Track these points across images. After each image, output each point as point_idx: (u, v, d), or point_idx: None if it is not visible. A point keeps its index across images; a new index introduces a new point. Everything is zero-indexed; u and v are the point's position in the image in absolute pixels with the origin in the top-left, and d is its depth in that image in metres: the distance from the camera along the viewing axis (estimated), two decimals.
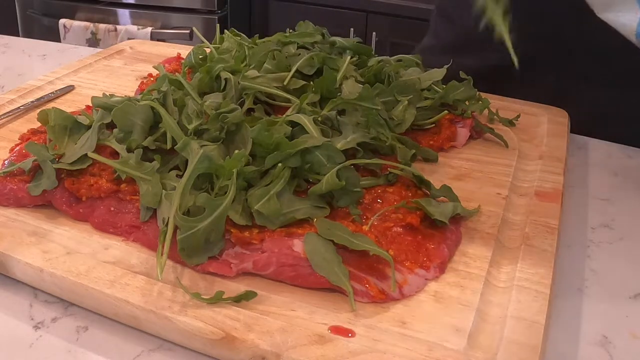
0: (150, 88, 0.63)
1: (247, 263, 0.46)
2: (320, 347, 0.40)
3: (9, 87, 0.84)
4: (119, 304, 0.44)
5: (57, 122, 0.56)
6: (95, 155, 0.53)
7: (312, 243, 0.45)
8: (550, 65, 0.84)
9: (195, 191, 0.48)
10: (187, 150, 0.49)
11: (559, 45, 0.82)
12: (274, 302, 0.44)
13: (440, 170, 0.61)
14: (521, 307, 0.43)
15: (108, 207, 0.51)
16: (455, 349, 0.40)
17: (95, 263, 0.47)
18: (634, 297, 0.50)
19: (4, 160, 0.56)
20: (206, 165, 0.47)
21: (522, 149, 0.65)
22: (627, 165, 0.70)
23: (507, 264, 0.48)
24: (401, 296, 0.44)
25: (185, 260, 0.45)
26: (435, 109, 0.66)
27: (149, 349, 0.43)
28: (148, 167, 0.51)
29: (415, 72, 0.70)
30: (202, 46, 0.76)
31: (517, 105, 0.74)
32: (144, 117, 0.56)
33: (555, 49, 0.83)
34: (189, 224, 0.45)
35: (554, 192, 0.57)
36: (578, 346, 0.45)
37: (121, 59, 0.89)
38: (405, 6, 1.93)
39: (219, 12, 2.12)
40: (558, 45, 0.82)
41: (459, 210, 0.51)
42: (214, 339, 0.41)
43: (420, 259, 0.46)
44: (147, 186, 0.49)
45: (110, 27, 2.13)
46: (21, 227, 0.51)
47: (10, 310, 0.47)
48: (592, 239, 0.57)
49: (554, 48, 0.83)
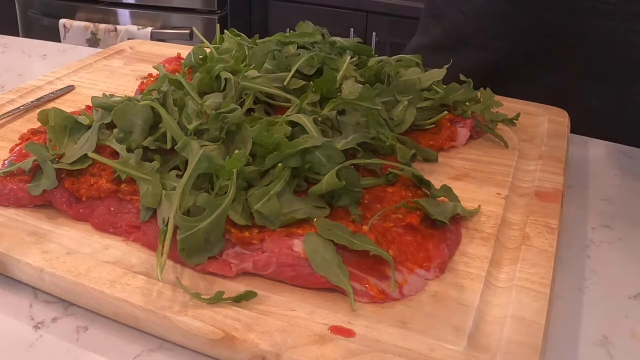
0: (150, 88, 0.63)
1: (247, 263, 0.46)
2: (320, 347, 0.40)
3: (9, 87, 0.84)
4: (119, 304, 0.44)
5: (57, 122, 0.56)
6: (95, 155, 0.53)
7: (312, 243, 0.45)
8: (548, 62, 0.84)
9: (195, 191, 0.48)
10: (187, 150, 0.49)
11: (557, 41, 0.82)
12: (274, 302, 0.44)
13: (440, 170, 0.61)
14: (521, 307, 0.43)
15: (108, 207, 0.51)
16: (455, 349, 0.40)
17: (95, 263, 0.47)
18: (634, 297, 0.50)
19: (4, 160, 0.56)
20: (206, 165, 0.47)
21: (522, 149, 0.65)
22: (627, 165, 0.70)
23: (507, 264, 0.48)
24: (401, 296, 0.44)
25: (185, 260, 0.45)
26: (435, 109, 0.66)
27: (149, 349, 0.43)
28: (148, 167, 0.51)
29: (415, 72, 0.70)
30: (202, 46, 0.76)
31: (517, 105, 0.74)
32: (144, 117, 0.56)
33: (553, 46, 0.82)
34: (189, 223, 0.45)
35: (554, 192, 0.57)
36: (578, 346, 0.45)
37: (121, 59, 0.89)
38: (405, 6, 1.93)
39: (219, 12, 2.12)
40: (556, 42, 0.82)
41: (459, 210, 0.51)
42: (214, 339, 0.41)
43: (420, 259, 0.46)
44: (147, 186, 0.49)
45: (110, 27, 2.13)
46: (21, 227, 0.51)
47: (10, 310, 0.47)
48: (592, 239, 0.57)
49: (552, 44, 0.82)
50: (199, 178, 0.48)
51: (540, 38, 0.82)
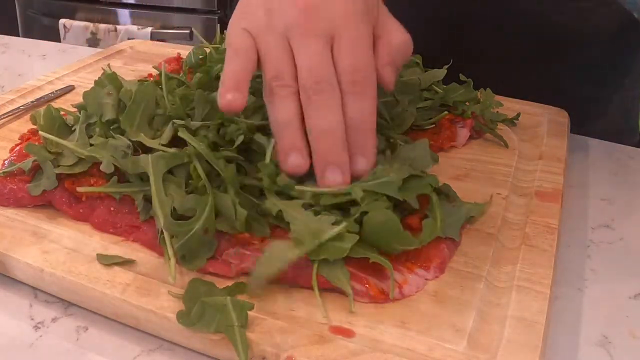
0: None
1: (247, 263, 0.46)
2: (320, 347, 0.40)
3: (9, 87, 0.84)
4: (119, 304, 0.44)
5: (46, 122, 0.56)
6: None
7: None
8: (544, 60, 0.84)
9: (180, 190, 0.48)
10: (140, 167, 0.49)
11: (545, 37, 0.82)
12: (274, 302, 0.44)
13: (440, 170, 0.61)
14: (521, 307, 0.43)
15: (108, 207, 0.51)
16: (455, 349, 0.40)
17: (95, 263, 0.47)
18: (634, 297, 0.50)
19: (4, 160, 0.56)
20: (162, 167, 0.48)
21: (522, 149, 0.65)
22: (627, 165, 0.70)
23: (507, 264, 0.48)
24: (401, 296, 0.44)
25: (187, 267, 0.45)
26: (435, 109, 0.66)
27: (149, 349, 0.43)
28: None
29: (415, 72, 0.70)
30: (203, 46, 0.76)
31: (517, 105, 0.74)
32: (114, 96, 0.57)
33: (541, 42, 0.82)
34: (184, 228, 0.45)
35: (554, 192, 0.57)
36: (578, 346, 0.45)
37: (121, 59, 0.89)
38: None
39: (219, 12, 2.12)
40: (544, 38, 0.82)
41: (473, 214, 0.51)
42: (214, 339, 0.41)
43: (420, 258, 0.46)
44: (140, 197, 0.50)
45: (110, 27, 2.13)
46: (21, 227, 0.51)
47: (10, 310, 0.47)
48: (592, 239, 0.57)
49: (541, 41, 0.82)
50: (175, 176, 0.49)
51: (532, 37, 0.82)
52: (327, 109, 0.45)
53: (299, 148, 0.46)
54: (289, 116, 0.46)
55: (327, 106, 0.45)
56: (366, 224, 0.44)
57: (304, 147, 0.47)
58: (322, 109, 0.45)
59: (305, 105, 0.46)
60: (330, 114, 0.45)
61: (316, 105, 0.45)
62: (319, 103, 0.45)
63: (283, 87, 0.46)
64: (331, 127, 0.45)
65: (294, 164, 0.47)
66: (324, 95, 0.45)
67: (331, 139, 0.46)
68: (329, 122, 0.45)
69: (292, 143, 0.46)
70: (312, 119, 0.46)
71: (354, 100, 0.46)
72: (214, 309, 0.41)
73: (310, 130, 0.46)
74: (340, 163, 0.46)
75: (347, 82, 0.46)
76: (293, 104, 0.46)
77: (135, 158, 0.50)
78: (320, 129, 0.46)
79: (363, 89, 0.46)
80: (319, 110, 0.45)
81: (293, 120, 0.46)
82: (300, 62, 0.46)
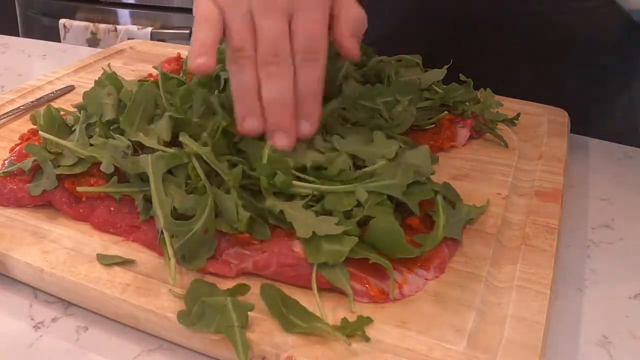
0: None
1: (247, 263, 0.46)
2: (320, 347, 0.40)
3: (9, 87, 0.84)
4: (119, 304, 0.44)
5: (45, 122, 0.56)
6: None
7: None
8: (544, 60, 0.84)
9: (180, 190, 0.48)
10: (140, 167, 0.49)
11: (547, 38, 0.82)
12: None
13: (440, 170, 0.61)
14: (521, 307, 0.43)
15: (108, 207, 0.51)
16: (455, 349, 0.40)
17: (95, 263, 0.47)
18: (634, 297, 0.50)
19: (4, 160, 0.56)
20: (162, 167, 0.48)
21: (522, 149, 0.65)
22: (627, 165, 0.70)
23: (507, 264, 0.48)
24: (401, 296, 0.44)
25: (187, 267, 0.45)
26: (435, 109, 0.66)
27: (149, 349, 0.43)
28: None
29: (415, 72, 0.70)
30: None
31: (517, 105, 0.74)
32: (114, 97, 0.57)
33: (544, 42, 0.82)
34: (184, 228, 0.45)
35: (554, 192, 0.57)
36: (578, 346, 0.45)
37: (121, 59, 0.89)
38: None
39: None
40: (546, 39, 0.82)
41: (472, 215, 0.51)
42: (214, 339, 0.41)
43: (420, 259, 0.46)
44: (140, 197, 0.50)
45: (110, 27, 2.13)
46: (21, 227, 0.51)
47: (10, 310, 0.47)
48: (592, 239, 0.57)
49: (542, 41, 0.82)
50: (175, 176, 0.49)
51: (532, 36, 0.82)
52: (280, 80, 0.50)
53: (256, 112, 0.52)
54: (248, 84, 0.51)
55: (280, 77, 0.50)
56: (370, 228, 0.45)
57: (259, 112, 0.52)
58: (275, 79, 0.50)
59: (261, 75, 0.51)
60: (283, 84, 0.50)
61: (271, 75, 0.50)
62: (273, 74, 0.50)
63: (245, 58, 0.51)
64: (282, 96, 0.51)
65: (249, 125, 0.52)
66: (278, 67, 0.50)
67: (281, 107, 0.51)
68: (280, 91, 0.51)
69: (249, 108, 0.52)
70: (266, 88, 0.51)
71: (304, 71, 0.51)
72: (214, 309, 0.41)
73: (264, 98, 0.51)
74: (288, 129, 0.52)
75: (300, 53, 0.51)
76: (252, 73, 0.51)
77: (135, 158, 0.50)
78: (272, 98, 0.51)
79: (314, 57, 0.51)
80: (272, 80, 0.50)
81: (252, 88, 0.51)
82: (261, 35, 0.50)
